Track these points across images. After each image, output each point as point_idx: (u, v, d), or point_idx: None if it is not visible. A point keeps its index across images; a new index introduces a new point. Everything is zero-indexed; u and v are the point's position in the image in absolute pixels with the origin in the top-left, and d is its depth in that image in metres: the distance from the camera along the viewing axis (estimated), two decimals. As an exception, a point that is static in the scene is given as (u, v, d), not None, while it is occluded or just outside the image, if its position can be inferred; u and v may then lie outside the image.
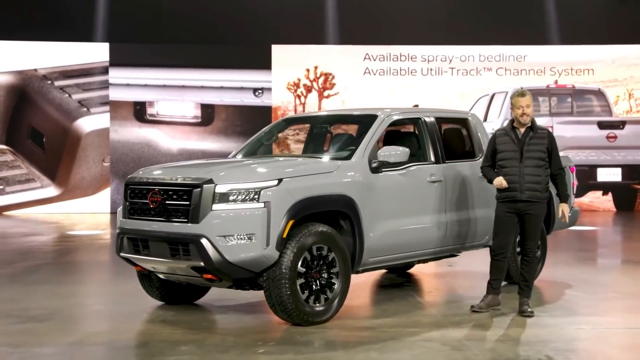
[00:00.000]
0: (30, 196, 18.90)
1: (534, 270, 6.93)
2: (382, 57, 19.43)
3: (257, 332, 6.17)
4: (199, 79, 19.23)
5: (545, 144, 6.75)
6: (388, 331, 6.21)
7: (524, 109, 6.71)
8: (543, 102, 19.22)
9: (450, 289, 8.48)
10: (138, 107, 19.14)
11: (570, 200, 9.08)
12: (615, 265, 10.25)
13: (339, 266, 6.47)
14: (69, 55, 18.92)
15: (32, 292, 8.02)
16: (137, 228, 6.45)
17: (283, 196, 6.11)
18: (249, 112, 19.28)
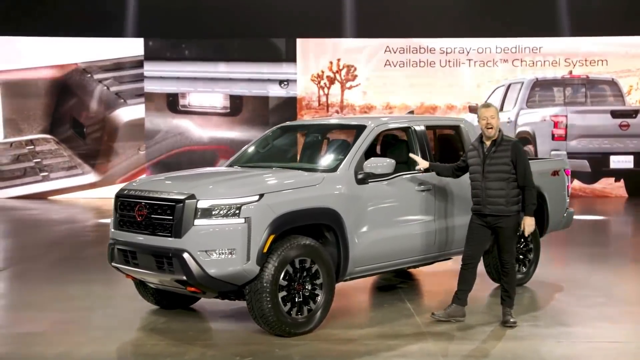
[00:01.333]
0: (72, 182, 19.06)
1: (513, 281, 6.44)
2: (402, 49, 18.99)
3: (238, 344, 5.88)
4: (227, 72, 19.07)
5: (509, 156, 6.23)
6: (367, 344, 5.87)
7: (488, 119, 6.23)
8: (558, 93, 18.72)
9: (445, 292, 7.90)
10: (171, 98, 19.10)
11: (566, 202, 8.66)
12: (612, 263, 9.66)
13: (323, 278, 6.13)
14: (107, 50, 18.98)
15: (37, 291, 7.88)
16: (126, 240, 6.18)
17: (264, 211, 5.78)
18: (275, 102, 19.00)
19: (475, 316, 6.66)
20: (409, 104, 18.63)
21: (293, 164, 7.13)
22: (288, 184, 6.12)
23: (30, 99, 18.89)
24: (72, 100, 19.05)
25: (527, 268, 8.12)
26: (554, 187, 8.45)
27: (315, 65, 19.04)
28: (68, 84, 18.96)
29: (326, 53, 19.09)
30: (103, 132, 19.02)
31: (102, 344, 5.89)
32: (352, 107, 18.88)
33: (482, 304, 7.26)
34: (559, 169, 8.58)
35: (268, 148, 7.63)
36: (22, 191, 18.85)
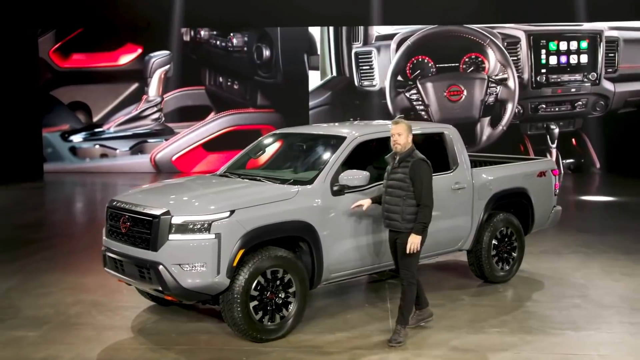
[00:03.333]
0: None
1: (408, 299, 5.74)
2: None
3: (212, 349, 5.59)
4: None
5: (407, 173, 5.62)
6: (331, 352, 5.50)
7: (395, 135, 5.65)
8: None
9: (432, 286, 7.56)
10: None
11: (553, 201, 8.09)
12: (604, 257, 8.99)
13: (296, 287, 5.80)
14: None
15: (53, 280, 7.70)
16: (114, 249, 5.91)
17: (234, 227, 5.44)
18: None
19: (440, 324, 6.25)
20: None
21: (278, 172, 6.69)
22: (260, 199, 5.73)
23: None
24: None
25: (509, 266, 7.65)
26: (540, 187, 7.93)
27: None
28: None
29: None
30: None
31: (87, 348, 5.64)
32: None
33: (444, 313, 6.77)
34: (546, 170, 8.01)
35: (259, 154, 7.22)
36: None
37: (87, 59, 20.03)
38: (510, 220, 7.59)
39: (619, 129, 18.77)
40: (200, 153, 19.76)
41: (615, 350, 5.63)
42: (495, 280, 7.51)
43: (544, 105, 19.08)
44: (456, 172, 7.11)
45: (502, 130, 19.05)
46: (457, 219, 7.09)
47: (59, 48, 20.01)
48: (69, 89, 20.03)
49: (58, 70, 20.02)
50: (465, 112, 19.03)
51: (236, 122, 19.75)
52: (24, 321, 6.36)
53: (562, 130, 19.13)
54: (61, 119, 20.13)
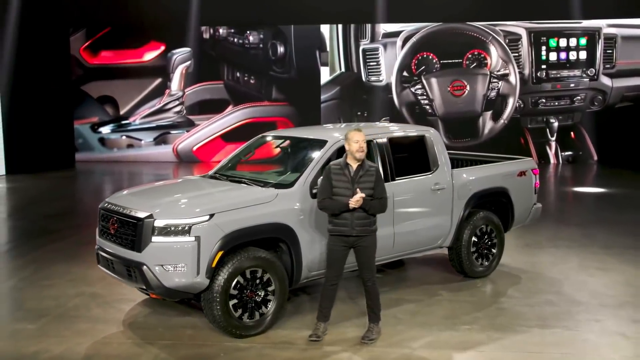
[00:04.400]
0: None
1: (376, 297, 5.65)
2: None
3: (193, 345, 5.53)
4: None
5: (372, 180, 5.46)
6: (305, 348, 5.43)
7: (361, 143, 5.43)
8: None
9: (417, 281, 7.45)
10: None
11: (533, 199, 7.94)
12: (584, 251, 8.79)
13: (275, 286, 5.74)
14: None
15: (59, 271, 7.71)
16: (105, 248, 5.89)
17: (213, 230, 5.38)
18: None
19: (415, 320, 6.15)
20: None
21: (263, 175, 6.60)
22: (239, 203, 5.65)
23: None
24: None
25: (489, 262, 7.51)
26: (520, 186, 7.78)
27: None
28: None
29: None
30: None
31: (77, 341, 5.61)
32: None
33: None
34: (526, 170, 7.83)
35: (249, 156, 7.13)
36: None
37: (114, 56, 20.10)
38: (490, 218, 7.45)
39: (616, 123, 18.42)
40: (219, 143, 19.76)
41: (577, 349, 5.49)
42: (475, 276, 7.39)
43: (544, 100, 18.73)
44: (436, 174, 6.97)
45: (504, 124, 18.80)
46: (437, 218, 6.98)
47: (89, 46, 20.10)
48: (98, 84, 20.13)
49: (88, 67, 20.13)
50: (468, 106, 18.76)
51: (252, 115, 19.71)
52: (25, 313, 6.38)
53: (561, 123, 18.82)
54: (91, 111, 20.27)
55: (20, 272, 7.88)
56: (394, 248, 6.64)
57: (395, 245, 6.64)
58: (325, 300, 5.66)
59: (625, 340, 5.66)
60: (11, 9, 17.21)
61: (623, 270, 7.76)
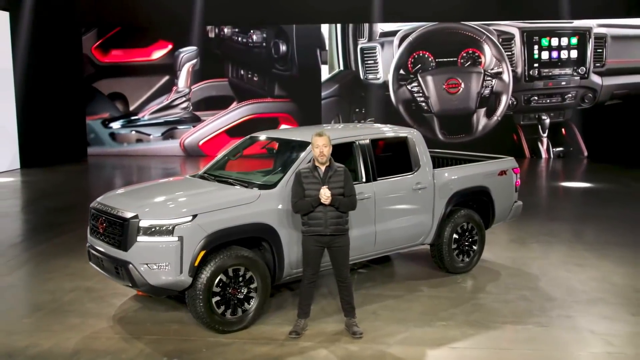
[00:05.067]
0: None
1: (351, 294, 5.65)
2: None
3: (178, 340, 5.51)
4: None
5: (342, 180, 5.43)
6: (285, 344, 5.40)
7: (321, 148, 5.39)
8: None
9: (401, 277, 7.43)
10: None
11: (514, 197, 7.87)
12: (564, 247, 8.72)
13: (257, 283, 5.71)
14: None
15: (59, 265, 7.71)
16: (95, 246, 5.87)
17: (195, 231, 5.35)
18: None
19: (394, 316, 6.11)
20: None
21: (249, 175, 6.57)
22: (222, 204, 5.62)
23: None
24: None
25: (470, 258, 7.45)
26: (501, 185, 7.71)
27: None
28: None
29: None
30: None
31: (67, 336, 5.60)
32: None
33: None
34: (507, 169, 7.76)
35: (237, 156, 7.09)
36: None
37: (124, 55, 20.09)
38: (471, 216, 7.39)
39: (606, 120, 18.26)
40: (224, 138, 19.74)
41: (547, 346, 5.43)
42: (456, 271, 7.34)
43: (536, 97, 18.58)
44: (418, 173, 6.92)
45: (497, 121, 18.69)
46: (418, 217, 6.93)
47: (100, 45, 20.10)
48: (108, 81, 20.14)
49: (99, 65, 20.14)
50: (462, 103, 18.63)
51: (256, 111, 19.68)
52: (23, 307, 6.41)
53: (553, 120, 18.69)
54: (102, 108, 20.29)
55: (25, 265, 7.91)
56: (375, 246, 6.61)
57: (377, 243, 6.60)
58: (304, 298, 5.64)
59: (594, 337, 5.60)
60: (26, 11, 17.23)
61: (600, 266, 7.69)
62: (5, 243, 9.00)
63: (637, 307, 6.30)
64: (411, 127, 7.49)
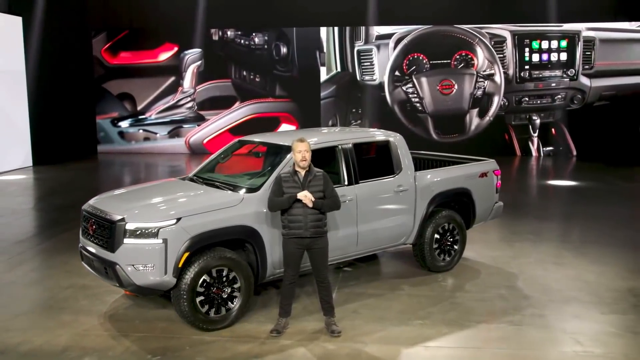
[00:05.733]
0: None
1: (330, 293, 5.61)
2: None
3: (164, 337, 5.50)
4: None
5: (321, 184, 5.42)
6: (265, 343, 5.38)
7: (304, 153, 5.37)
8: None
9: (384, 275, 7.40)
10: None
11: (494, 198, 7.83)
12: (544, 245, 8.67)
13: (241, 283, 5.69)
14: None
15: (58, 262, 7.70)
16: (86, 247, 5.87)
17: (179, 234, 5.34)
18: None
19: (373, 314, 6.08)
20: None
21: (236, 178, 6.53)
22: (206, 207, 5.60)
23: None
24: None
25: (450, 257, 7.40)
26: (482, 187, 7.67)
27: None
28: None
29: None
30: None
31: (58, 333, 5.61)
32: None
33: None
34: (488, 171, 7.70)
35: (226, 159, 7.06)
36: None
37: (132, 57, 20.09)
38: (452, 217, 7.35)
39: (594, 120, 18.15)
40: (228, 137, 19.68)
41: (518, 345, 5.39)
42: (437, 270, 7.31)
43: (527, 98, 18.46)
44: (399, 176, 6.88)
45: (489, 121, 18.60)
46: (400, 218, 6.89)
47: (109, 47, 20.11)
48: (117, 82, 20.16)
49: (108, 66, 20.16)
50: (456, 104, 18.54)
51: (258, 110, 19.65)
52: (20, 304, 6.38)
53: (543, 120, 18.59)
54: (111, 107, 20.32)
55: (26, 262, 7.91)
56: (358, 246, 6.58)
57: (359, 244, 6.57)
58: (285, 298, 5.62)
59: (564, 336, 5.56)
60: (38, 16, 17.27)
61: (576, 265, 7.64)
62: (10, 240, 9.02)
63: (608, 306, 6.25)
64: (399, 130, 7.46)
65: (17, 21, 16.55)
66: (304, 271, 5.87)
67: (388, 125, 18.56)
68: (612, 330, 5.66)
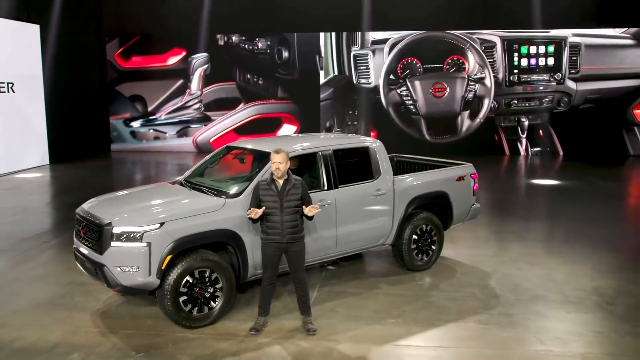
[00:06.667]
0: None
1: (307, 293, 5.61)
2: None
3: (150, 334, 5.51)
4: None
5: (299, 193, 5.41)
6: (243, 341, 5.38)
7: (277, 164, 5.36)
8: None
9: (366, 273, 7.36)
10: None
11: (471, 200, 7.79)
12: (520, 244, 8.61)
13: (222, 283, 5.69)
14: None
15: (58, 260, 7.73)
16: (78, 248, 5.89)
17: (162, 237, 5.36)
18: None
19: (349, 313, 6.05)
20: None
21: (221, 183, 6.50)
22: (189, 212, 5.60)
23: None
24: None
25: (428, 257, 7.37)
26: (459, 190, 7.63)
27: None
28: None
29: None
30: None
31: (51, 329, 5.65)
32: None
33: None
34: (464, 175, 7.65)
35: (214, 164, 7.05)
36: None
37: (143, 61, 20.12)
38: (430, 219, 7.31)
39: (580, 122, 18.01)
40: (233, 136, 19.74)
41: (482, 343, 5.37)
42: (415, 269, 7.27)
43: (516, 101, 18.34)
44: (378, 181, 6.85)
45: (480, 122, 18.50)
46: (378, 220, 6.86)
47: (122, 52, 20.15)
48: (129, 84, 20.19)
49: (121, 70, 20.20)
50: (448, 106, 18.44)
51: (261, 111, 19.65)
52: (20, 302, 6.38)
53: (531, 122, 18.49)
54: (124, 108, 20.37)
55: (30, 259, 7.93)
56: (337, 247, 6.56)
57: (339, 245, 6.56)
58: (263, 298, 5.63)
59: (528, 335, 5.53)
60: (54, 23, 17.36)
61: (548, 264, 7.59)
62: (19, 237, 9.06)
63: (573, 305, 6.21)
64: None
65: (34, 29, 16.63)
66: (284, 271, 5.87)
67: (383, 126, 18.56)
68: (574, 329, 5.63)
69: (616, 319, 5.85)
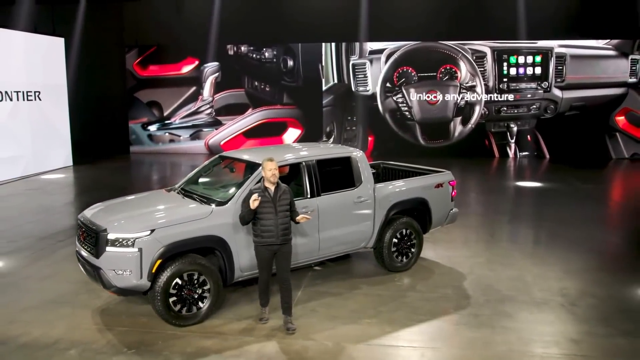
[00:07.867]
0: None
1: (290, 294, 5.63)
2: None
3: (142, 332, 5.57)
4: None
5: (288, 198, 5.50)
6: (226, 339, 5.42)
7: (274, 170, 5.41)
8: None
9: (340, 279, 7.36)
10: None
11: (450, 206, 7.77)
12: (497, 246, 8.55)
13: (210, 285, 5.73)
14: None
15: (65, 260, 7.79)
16: (80, 252, 5.96)
17: (152, 243, 5.41)
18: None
19: (328, 313, 6.06)
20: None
21: (212, 191, 6.53)
22: (178, 219, 5.65)
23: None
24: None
25: (407, 259, 7.34)
26: (437, 196, 7.60)
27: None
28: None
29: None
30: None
31: (53, 326, 5.72)
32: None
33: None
34: (443, 182, 7.62)
35: (208, 173, 7.08)
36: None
37: (159, 69, 20.19)
38: (410, 223, 7.30)
39: (565, 128, 17.84)
40: (241, 139, 19.80)
41: (449, 343, 5.35)
42: (395, 270, 7.27)
43: (505, 108, 18.19)
44: (359, 189, 6.85)
45: (471, 128, 18.38)
46: (359, 226, 6.86)
47: (140, 61, 20.22)
48: (147, 91, 20.28)
49: (139, 78, 20.27)
50: (441, 112, 18.33)
51: (268, 116, 19.65)
52: (31, 299, 6.44)
53: (520, 128, 18.33)
54: (142, 113, 20.46)
55: (44, 258, 7.98)
56: (320, 251, 6.58)
57: (321, 249, 6.57)
58: (262, 295, 5.76)
59: (493, 335, 5.51)
60: (77, 35, 17.52)
61: (521, 266, 7.54)
62: (37, 236, 9.15)
63: (537, 306, 6.18)
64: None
65: (59, 41, 16.78)
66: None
67: (380, 131, 18.52)
68: (536, 330, 5.60)
69: (576, 320, 5.81)
